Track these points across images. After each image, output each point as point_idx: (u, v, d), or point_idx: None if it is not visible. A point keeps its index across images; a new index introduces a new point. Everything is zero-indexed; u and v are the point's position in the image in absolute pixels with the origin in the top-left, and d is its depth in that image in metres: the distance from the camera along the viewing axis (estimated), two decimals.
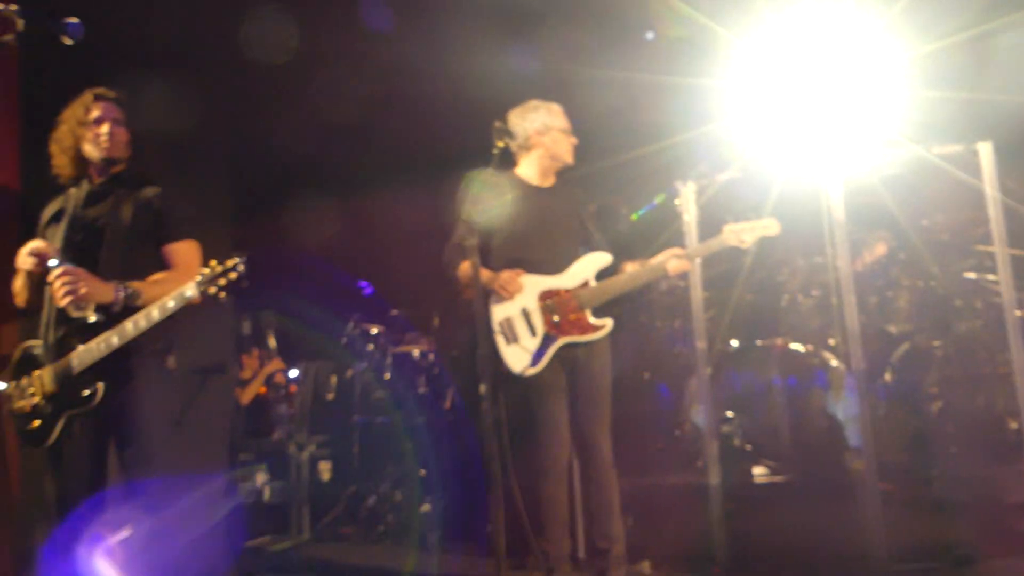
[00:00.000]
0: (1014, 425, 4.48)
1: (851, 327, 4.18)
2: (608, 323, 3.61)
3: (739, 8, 4.96)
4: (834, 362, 4.84)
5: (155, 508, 2.96)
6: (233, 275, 2.73)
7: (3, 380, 3.17)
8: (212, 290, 2.72)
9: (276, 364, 6.86)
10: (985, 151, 4.32)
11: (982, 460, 4.62)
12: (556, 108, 3.78)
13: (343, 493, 5.62)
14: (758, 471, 4.75)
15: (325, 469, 5.83)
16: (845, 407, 4.77)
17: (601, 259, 3.69)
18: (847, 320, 4.20)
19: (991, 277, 4.79)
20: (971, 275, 5.09)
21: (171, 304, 2.83)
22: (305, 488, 5.67)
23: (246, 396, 6.62)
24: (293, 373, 6.77)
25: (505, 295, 3.53)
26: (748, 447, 4.75)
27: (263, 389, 6.79)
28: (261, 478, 5.66)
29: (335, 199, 6.79)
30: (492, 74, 4.93)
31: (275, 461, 5.80)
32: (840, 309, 4.28)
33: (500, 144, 3.24)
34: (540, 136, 3.72)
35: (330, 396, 6.20)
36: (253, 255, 2.79)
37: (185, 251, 3.15)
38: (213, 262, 2.76)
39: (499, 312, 3.58)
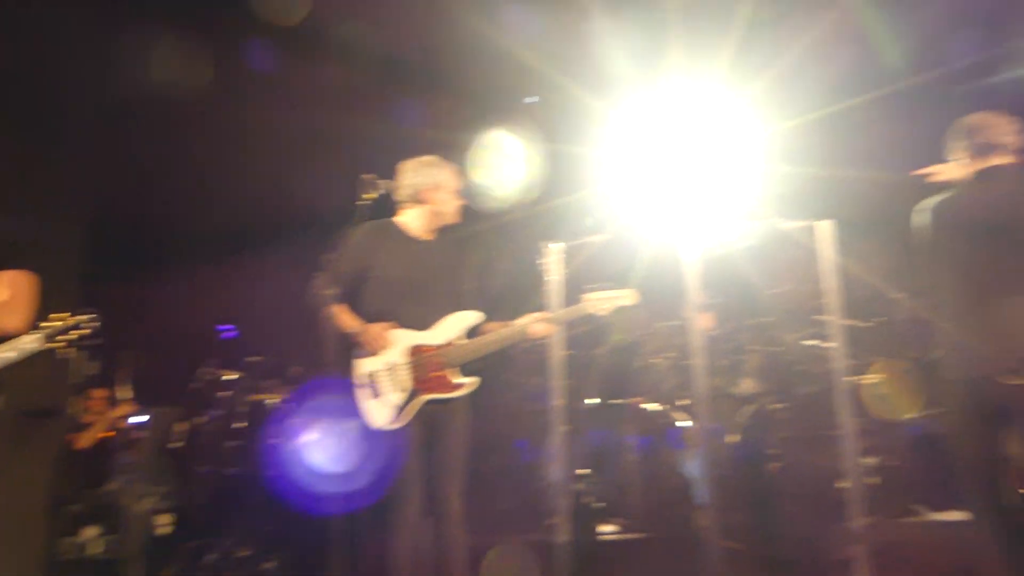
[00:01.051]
0: (844, 486, 4.74)
1: (701, 388, 4.36)
2: (471, 382, 3.62)
3: (614, 81, 5.19)
4: (685, 422, 5.01)
5: None
6: (84, 331, 2.58)
7: None
8: (59, 346, 2.56)
9: (125, 408, 6.43)
10: (823, 228, 4.65)
11: (816, 519, 4.88)
12: (452, 168, 3.84)
13: (183, 548, 5.30)
14: (607, 529, 4.83)
15: (165, 522, 5.49)
16: (695, 467, 4.94)
17: (470, 318, 3.70)
18: (697, 381, 4.38)
19: (827, 345, 5.11)
20: (811, 342, 5.43)
21: (13, 355, 2.64)
22: (139, 542, 5.31)
23: (85, 440, 6.17)
24: (139, 418, 6.37)
25: (371, 350, 3.49)
26: (600, 505, 4.83)
27: (110, 433, 6.35)
28: (89, 532, 5.26)
29: (201, 249, 6.55)
30: (368, 134, 4.94)
31: (109, 512, 5.41)
32: (692, 371, 4.47)
33: (369, 197, 3.23)
34: (430, 192, 3.75)
35: (177, 444, 5.88)
36: (106, 300, 2.66)
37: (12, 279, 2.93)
38: (62, 315, 2.60)
39: (364, 365, 3.54)
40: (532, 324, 3.67)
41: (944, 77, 4.81)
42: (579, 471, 4.98)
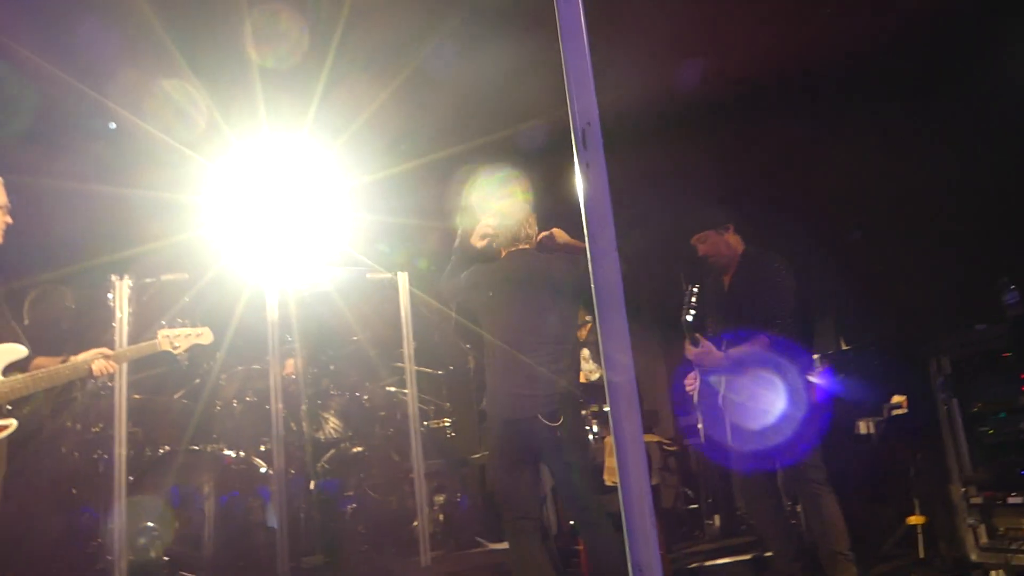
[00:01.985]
0: (415, 523, 5.04)
1: (278, 433, 4.37)
2: (11, 424, 3.22)
3: (211, 136, 5.14)
4: (264, 468, 4.96)
5: None
6: None
7: None
8: None
9: None
10: (403, 279, 5.01)
11: (391, 556, 5.11)
12: None
13: None
14: None
15: None
16: (274, 513, 4.88)
17: (12, 352, 3.32)
18: (275, 427, 4.39)
19: (405, 391, 5.44)
20: (392, 388, 5.74)
21: None
22: None
23: None
24: None
25: None
26: (166, 558, 4.55)
27: None
28: None
29: None
30: None
31: None
32: (272, 415, 4.47)
33: None
34: None
35: None
36: None
37: None
38: None
39: None
40: (95, 360, 3.41)
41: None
42: (146, 524, 4.65)
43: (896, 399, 5.18)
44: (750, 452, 3.94)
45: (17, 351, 3.33)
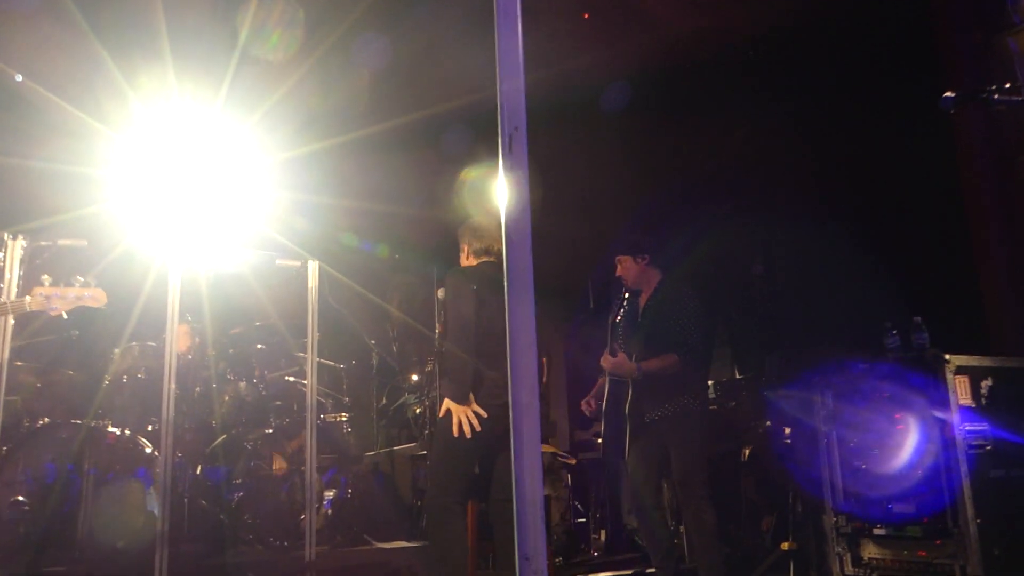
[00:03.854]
0: (303, 517, 4.96)
1: (168, 415, 4.24)
2: None
3: (116, 105, 4.98)
4: (149, 449, 4.80)
5: None
6: None
7: None
8: None
9: None
10: (313, 267, 4.93)
11: (276, 548, 5.02)
12: None
13: None
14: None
15: None
16: (155, 496, 4.73)
17: None
18: (165, 408, 4.25)
19: (305, 382, 5.36)
20: (291, 378, 5.64)
21: None
22: None
23: None
24: None
25: None
26: (40, 540, 4.35)
27: None
28: None
29: None
30: None
31: None
32: (163, 395, 4.32)
33: None
34: None
35: None
36: None
37: None
38: None
39: None
40: None
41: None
42: (17, 498, 4.43)
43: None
44: None
45: None
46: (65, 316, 3.46)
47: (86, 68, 4.83)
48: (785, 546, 4.57)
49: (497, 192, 1.35)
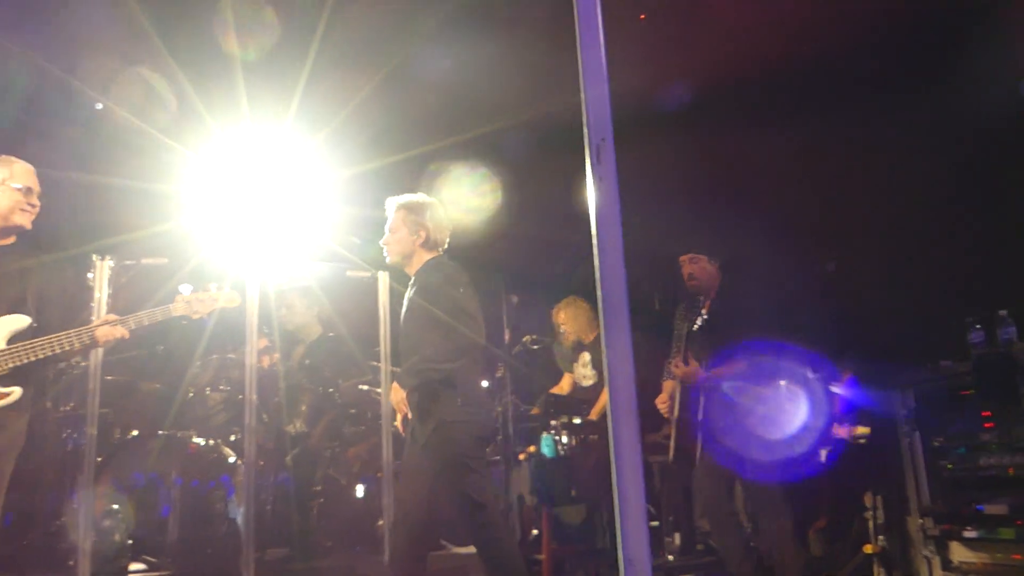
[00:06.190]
0: (381, 522, 5.06)
1: (250, 424, 4.37)
2: (14, 392, 3.19)
3: (192, 126, 5.15)
4: (232, 458, 4.95)
5: None
6: None
7: None
8: None
9: None
10: (383, 278, 5.03)
11: (355, 553, 5.13)
12: (19, 166, 3.39)
13: None
14: (135, 567, 4.54)
15: None
16: (239, 503, 4.88)
17: (16, 322, 3.27)
18: (248, 417, 4.39)
19: (379, 390, 5.47)
20: (364, 387, 5.75)
21: None
22: None
23: None
24: None
25: None
26: (130, 542, 4.53)
27: None
28: None
29: None
30: None
31: None
32: (244, 405, 4.47)
33: None
34: None
35: None
36: None
37: None
38: None
39: None
40: (101, 326, 3.34)
41: None
42: (112, 507, 4.62)
43: (860, 430, 5.30)
44: (768, 462, 4.05)
45: (20, 321, 3.28)
46: (206, 319, 3.63)
47: (163, 91, 5.01)
48: (868, 549, 4.47)
49: (587, 201, 1.37)
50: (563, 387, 5.90)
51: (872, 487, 4.59)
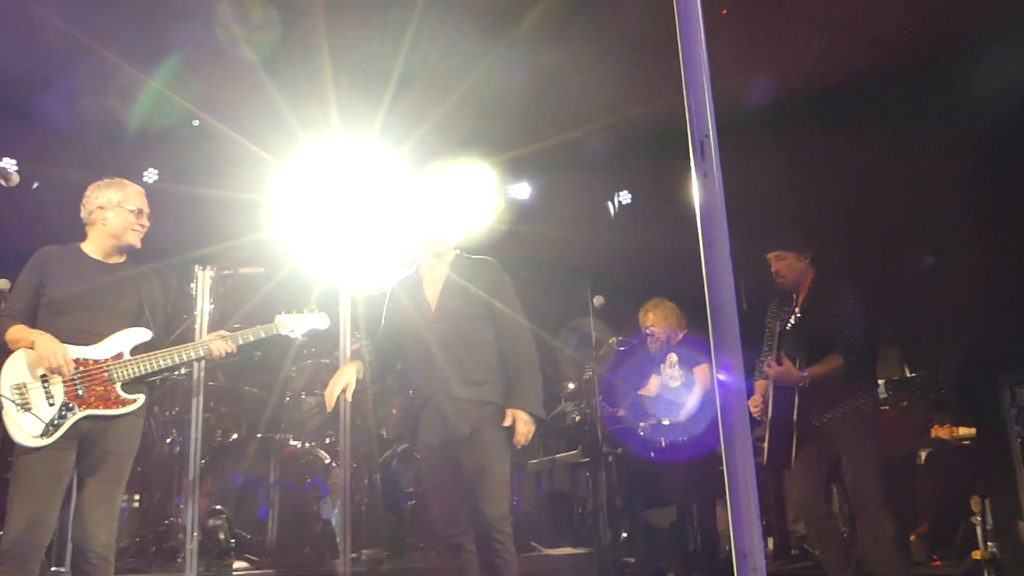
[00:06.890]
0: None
1: (345, 427, 4.48)
2: (139, 399, 3.42)
3: (283, 136, 5.33)
4: (327, 460, 5.08)
5: None
6: None
7: None
8: None
9: None
10: None
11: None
12: (131, 189, 3.63)
13: None
14: (239, 565, 4.71)
15: None
16: (336, 504, 5.00)
17: (140, 334, 3.51)
18: (342, 420, 4.49)
19: None
20: None
21: None
22: None
23: None
24: None
25: (47, 362, 3.25)
26: (232, 541, 4.70)
27: None
28: None
29: None
30: None
31: None
32: (339, 409, 4.57)
33: None
34: (103, 212, 3.54)
35: None
36: None
37: None
38: None
39: (11, 377, 3.27)
40: (215, 340, 3.60)
41: None
42: (216, 507, 4.81)
43: (963, 431, 5.10)
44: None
45: (143, 334, 3.52)
46: (301, 338, 3.98)
47: (258, 105, 5.19)
48: (977, 555, 4.30)
49: (692, 197, 1.37)
50: (650, 389, 5.86)
51: (980, 490, 4.41)
